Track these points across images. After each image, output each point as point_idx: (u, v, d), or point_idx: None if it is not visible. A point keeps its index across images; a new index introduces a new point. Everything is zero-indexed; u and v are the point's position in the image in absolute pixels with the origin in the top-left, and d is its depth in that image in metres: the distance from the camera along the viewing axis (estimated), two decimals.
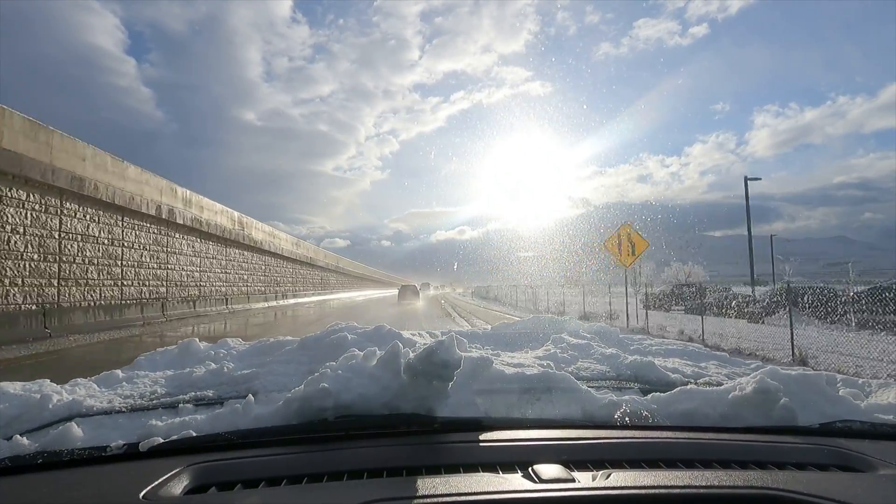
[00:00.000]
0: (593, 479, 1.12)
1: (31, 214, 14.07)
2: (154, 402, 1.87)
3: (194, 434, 1.40)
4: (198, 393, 1.98)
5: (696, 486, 1.10)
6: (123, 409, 1.77)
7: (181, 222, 22.04)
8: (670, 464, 1.25)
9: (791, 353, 10.00)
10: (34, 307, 13.75)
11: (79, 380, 2.14)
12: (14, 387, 1.86)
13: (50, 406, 1.73)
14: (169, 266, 21.49)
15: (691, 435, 1.47)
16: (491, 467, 1.20)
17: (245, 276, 30.51)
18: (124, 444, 1.33)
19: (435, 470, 1.19)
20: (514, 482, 1.12)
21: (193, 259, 23.64)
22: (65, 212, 15.34)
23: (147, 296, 19.67)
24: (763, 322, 17.87)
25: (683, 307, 26.16)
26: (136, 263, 19.08)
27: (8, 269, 13.12)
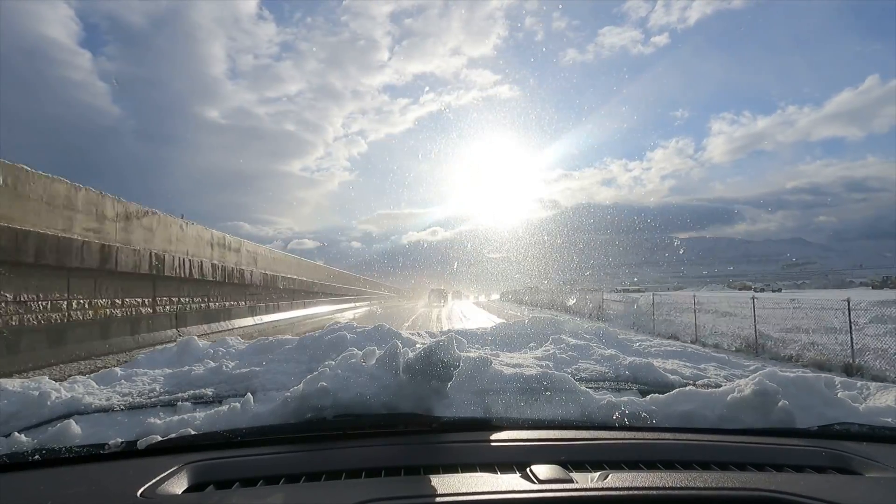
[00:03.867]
0: (591, 479, 1.12)
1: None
2: (153, 400, 1.87)
3: (193, 432, 1.40)
4: (196, 391, 1.98)
5: (693, 488, 1.10)
6: (122, 407, 1.77)
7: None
8: (668, 465, 1.25)
9: None
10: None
11: (77, 377, 2.14)
12: (13, 384, 1.87)
13: (48, 403, 1.74)
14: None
15: (689, 436, 1.47)
16: (489, 467, 1.20)
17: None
18: (122, 442, 1.33)
19: (433, 469, 1.19)
20: (512, 482, 1.12)
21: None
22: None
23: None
24: None
25: None
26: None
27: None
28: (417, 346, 1.89)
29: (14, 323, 10.17)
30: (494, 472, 1.18)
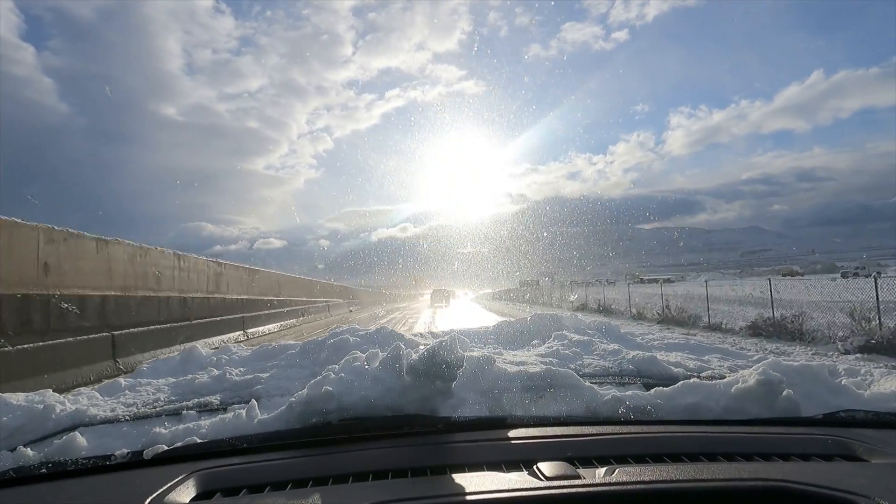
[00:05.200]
0: (598, 474, 1.12)
1: None
2: (157, 409, 1.87)
3: (198, 440, 1.40)
4: (201, 399, 1.98)
5: (701, 480, 1.10)
6: (127, 418, 1.77)
7: None
8: (675, 458, 1.25)
9: None
10: None
11: (81, 389, 2.15)
12: (17, 398, 1.86)
13: (53, 416, 1.74)
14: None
15: (695, 429, 1.48)
16: (496, 466, 1.20)
17: None
18: (128, 453, 1.33)
19: (440, 470, 1.19)
20: (519, 480, 1.12)
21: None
22: None
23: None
24: None
25: None
26: None
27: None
28: (420, 347, 1.89)
29: None
30: (501, 470, 1.18)
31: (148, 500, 1.07)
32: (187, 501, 1.10)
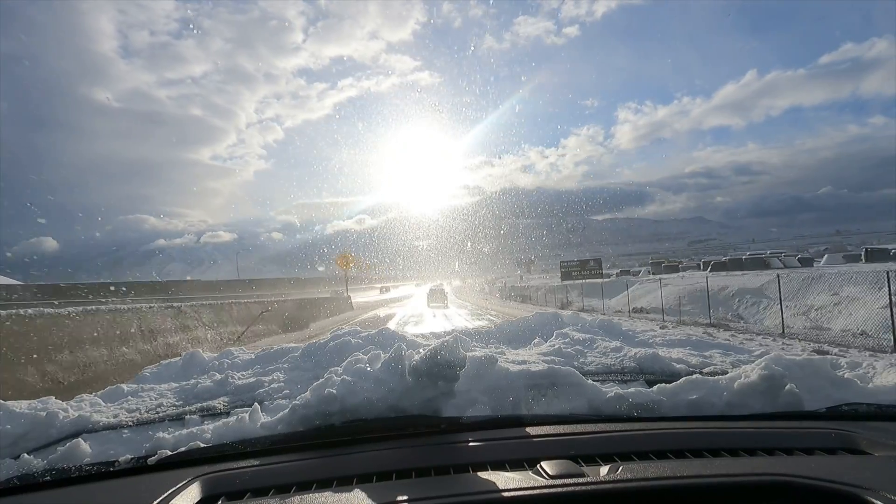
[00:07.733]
0: (602, 472, 1.12)
1: None
2: (160, 414, 1.87)
3: (202, 445, 1.40)
4: (204, 404, 1.98)
5: (704, 476, 1.10)
6: (130, 424, 1.77)
7: None
8: (679, 454, 1.25)
9: None
10: None
11: (84, 395, 2.15)
12: (20, 405, 1.87)
13: (56, 423, 1.74)
14: None
15: (698, 424, 1.48)
16: (499, 465, 1.20)
17: None
18: (132, 458, 1.33)
19: (444, 470, 1.19)
20: (523, 479, 1.12)
21: None
22: None
23: None
24: None
25: None
26: None
27: None
28: (422, 348, 1.89)
29: None
30: (505, 469, 1.18)
31: None
32: None
